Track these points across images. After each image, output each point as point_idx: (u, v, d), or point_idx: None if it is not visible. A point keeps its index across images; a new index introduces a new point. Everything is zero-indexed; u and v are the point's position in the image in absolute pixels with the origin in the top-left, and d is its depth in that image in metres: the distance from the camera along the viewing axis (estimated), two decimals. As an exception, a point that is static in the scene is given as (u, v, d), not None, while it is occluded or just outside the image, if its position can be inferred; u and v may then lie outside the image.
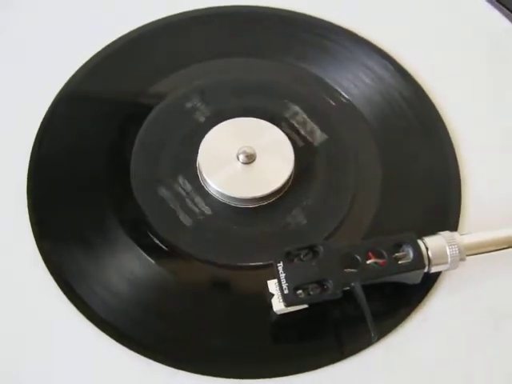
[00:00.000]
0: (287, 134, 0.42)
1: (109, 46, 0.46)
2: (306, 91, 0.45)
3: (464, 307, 0.38)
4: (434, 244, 0.37)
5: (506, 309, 0.39)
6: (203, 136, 0.41)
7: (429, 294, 0.39)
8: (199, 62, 0.46)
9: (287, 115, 0.44)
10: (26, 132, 0.42)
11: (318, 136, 0.43)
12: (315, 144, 0.43)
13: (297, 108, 0.44)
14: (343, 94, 0.45)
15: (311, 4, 0.48)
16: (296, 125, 0.43)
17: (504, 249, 0.38)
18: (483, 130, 0.44)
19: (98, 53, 0.46)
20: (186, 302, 0.38)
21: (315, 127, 0.43)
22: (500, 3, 0.48)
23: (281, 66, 0.46)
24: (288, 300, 0.35)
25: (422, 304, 0.38)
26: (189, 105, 0.44)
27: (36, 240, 0.39)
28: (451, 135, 0.43)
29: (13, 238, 0.39)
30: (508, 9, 0.47)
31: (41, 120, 0.43)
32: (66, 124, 0.43)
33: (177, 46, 0.46)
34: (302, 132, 0.43)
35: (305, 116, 0.44)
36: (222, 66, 0.46)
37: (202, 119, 0.43)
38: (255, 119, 0.42)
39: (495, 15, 0.48)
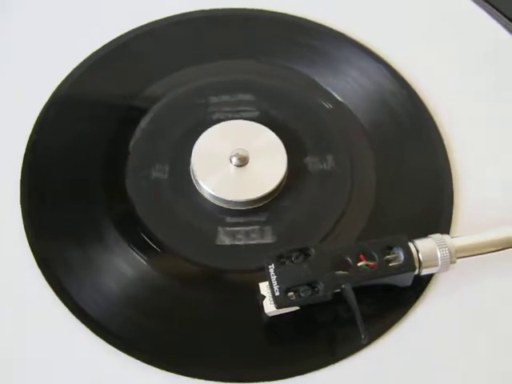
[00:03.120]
0: (280, 137, 0.42)
1: (103, 47, 0.46)
2: (300, 93, 0.45)
3: (456, 310, 0.38)
4: (425, 247, 0.37)
5: (497, 310, 0.39)
6: (196, 139, 0.42)
7: (421, 297, 0.38)
8: (194, 64, 0.46)
9: (281, 117, 0.44)
10: (19, 132, 0.43)
11: (312, 139, 0.43)
12: (309, 147, 0.43)
13: (290, 111, 0.44)
14: (337, 96, 0.45)
15: (304, 7, 0.48)
16: (290, 127, 0.43)
17: (495, 251, 0.38)
18: (476, 133, 0.44)
19: (92, 54, 0.46)
20: (178, 303, 0.38)
21: (309, 130, 0.43)
22: (493, 6, 0.48)
23: (274, 69, 0.46)
24: (279, 302, 0.35)
25: (414, 307, 0.38)
26: (183, 107, 0.44)
27: (28, 238, 0.39)
28: (444, 138, 0.43)
29: (5, 237, 0.39)
30: (499, 11, 0.48)
31: (35, 120, 0.43)
32: (60, 125, 0.43)
33: (171, 49, 0.47)
34: (296, 134, 0.43)
35: (298, 119, 0.44)
36: (217, 69, 0.46)
37: (197, 121, 0.43)
38: (248, 122, 0.43)
39: (486, 18, 0.48)
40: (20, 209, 0.40)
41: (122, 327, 0.37)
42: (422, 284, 0.38)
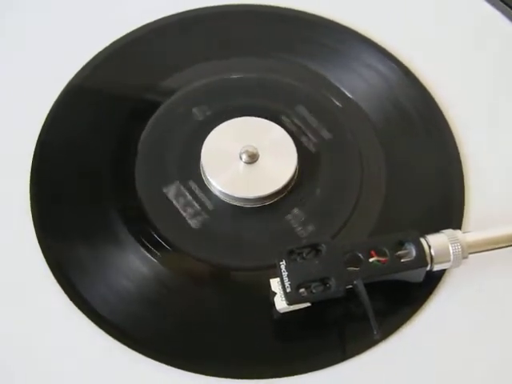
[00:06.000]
0: (291, 134, 0.42)
1: (116, 41, 0.46)
2: (310, 90, 0.45)
3: (469, 305, 0.38)
4: (437, 242, 0.37)
5: (510, 306, 0.38)
6: (206, 136, 0.42)
7: (433, 293, 0.38)
8: (202, 61, 0.46)
9: (291, 114, 0.44)
10: (30, 128, 0.43)
11: (322, 135, 0.43)
12: (319, 143, 0.43)
13: (301, 107, 0.44)
14: (347, 93, 0.45)
15: (315, 3, 0.48)
16: (300, 124, 0.43)
17: (507, 246, 0.38)
18: (487, 128, 0.44)
19: (105, 48, 0.46)
20: (188, 301, 0.38)
21: (319, 126, 0.43)
22: (504, 3, 0.48)
23: (285, 65, 0.46)
24: (291, 298, 0.35)
25: (426, 303, 0.38)
26: (193, 104, 0.44)
27: (38, 238, 0.39)
28: (454, 133, 0.43)
29: (15, 236, 0.40)
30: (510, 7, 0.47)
31: (45, 116, 0.43)
32: (70, 121, 0.43)
33: (184, 44, 0.47)
34: (306, 131, 0.43)
35: (309, 115, 0.44)
36: (225, 66, 0.46)
37: (206, 119, 0.43)
38: (258, 118, 0.42)
39: (497, 16, 0.48)
40: (30, 209, 0.40)
41: (132, 325, 0.37)
42: (433, 280, 0.38)
